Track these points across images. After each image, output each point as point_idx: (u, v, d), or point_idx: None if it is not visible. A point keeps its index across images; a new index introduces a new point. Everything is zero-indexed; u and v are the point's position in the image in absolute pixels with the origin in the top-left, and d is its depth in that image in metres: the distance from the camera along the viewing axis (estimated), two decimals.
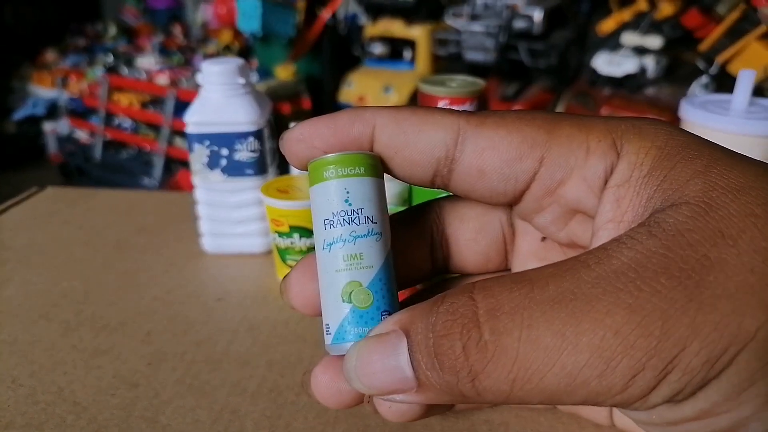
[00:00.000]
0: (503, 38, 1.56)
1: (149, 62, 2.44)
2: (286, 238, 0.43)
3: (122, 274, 0.46)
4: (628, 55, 1.44)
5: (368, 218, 0.20)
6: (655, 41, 1.41)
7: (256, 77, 1.98)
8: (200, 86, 0.46)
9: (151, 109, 2.20)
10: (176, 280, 0.45)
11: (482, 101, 0.43)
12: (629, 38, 1.45)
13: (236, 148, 0.46)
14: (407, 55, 1.81)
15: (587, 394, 0.16)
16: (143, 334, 0.38)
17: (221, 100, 0.45)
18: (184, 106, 1.70)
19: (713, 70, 1.34)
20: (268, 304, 0.42)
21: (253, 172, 0.47)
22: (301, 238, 0.42)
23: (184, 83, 2.21)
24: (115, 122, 2.32)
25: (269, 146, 0.48)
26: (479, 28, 1.58)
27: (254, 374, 0.35)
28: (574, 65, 1.64)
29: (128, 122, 2.30)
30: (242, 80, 0.46)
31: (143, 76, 2.35)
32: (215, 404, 0.32)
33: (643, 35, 1.43)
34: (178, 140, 2.10)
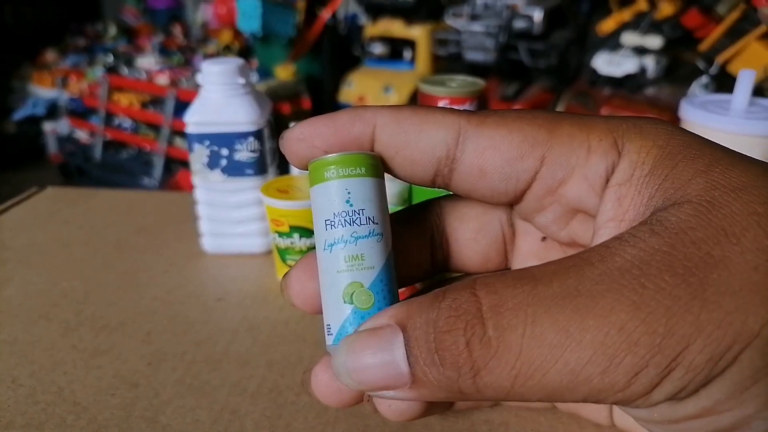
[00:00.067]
0: (503, 38, 1.55)
1: (149, 62, 2.44)
2: (286, 238, 0.43)
3: (122, 274, 0.46)
4: (628, 55, 1.44)
5: (369, 219, 0.20)
6: (655, 41, 1.41)
7: (256, 77, 1.98)
8: (200, 86, 0.46)
9: (151, 109, 2.20)
10: (176, 280, 0.45)
11: (482, 101, 0.43)
12: (629, 38, 1.44)
13: (236, 148, 0.46)
14: (407, 55, 1.81)
15: (589, 391, 0.16)
16: (143, 334, 0.38)
17: (221, 100, 0.45)
18: (184, 106, 1.69)
19: (713, 70, 1.34)
20: (268, 304, 0.42)
21: (253, 172, 0.47)
22: (301, 238, 0.42)
23: (184, 83, 2.21)
24: (115, 122, 2.32)
25: (269, 146, 0.48)
26: (479, 28, 1.58)
27: (254, 374, 0.35)
28: (574, 65, 1.64)
29: (128, 122, 2.30)
30: (242, 80, 0.46)
31: (143, 76, 2.35)
32: (215, 404, 0.32)
33: (643, 35, 1.42)
34: (178, 140, 2.10)
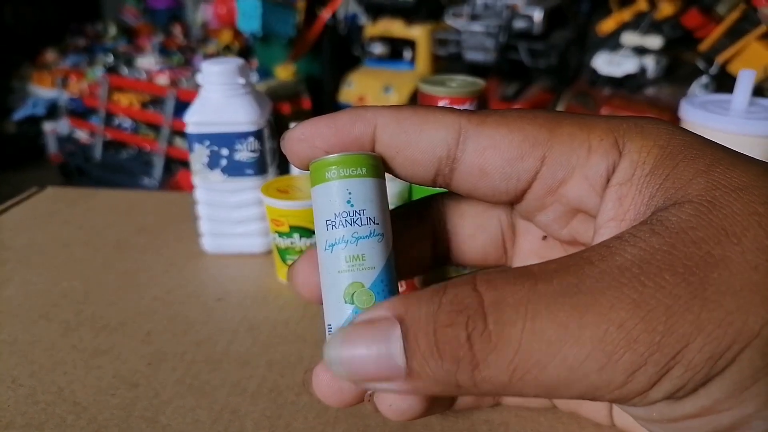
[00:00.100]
0: (503, 38, 1.55)
1: (149, 62, 2.44)
2: (286, 238, 0.43)
3: (122, 274, 0.46)
4: (628, 55, 1.44)
5: (370, 219, 0.20)
6: (655, 41, 1.41)
7: (256, 77, 1.98)
8: (200, 86, 0.46)
9: (151, 109, 2.20)
10: (176, 280, 0.45)
11: (482, 101, 0.43)
12: (629, 38, 1.44)
13: (236, 148, 0.46)
14: (407, 55, 1.81)
15: (586, 387, 0.16)
16: (143, 334, 0.38)
17: (221, 100, 0.45)
18: (184, 106, 1.70)
19: (713, 70, 1.34)
20: (268, 304, 0.42)
21: (253, 172, 0.47)
22: (301, 238, 0.42)
23: (184, 83, 2.21)
24: (115, 122, 2.32)
25: (269, 146, 0.48)
26: (479, 28, 1.58)
27: (254, 374, 0.35)
28: (574, 65, 1.64)
29: (128, 122, 2.30)
30: (242, 80, 0.46)
31: (143, 76, 2.35)
32: (215, 404, 0.32)
33: (643, 35, 1.42)
34: (178, 140, 2.10)
